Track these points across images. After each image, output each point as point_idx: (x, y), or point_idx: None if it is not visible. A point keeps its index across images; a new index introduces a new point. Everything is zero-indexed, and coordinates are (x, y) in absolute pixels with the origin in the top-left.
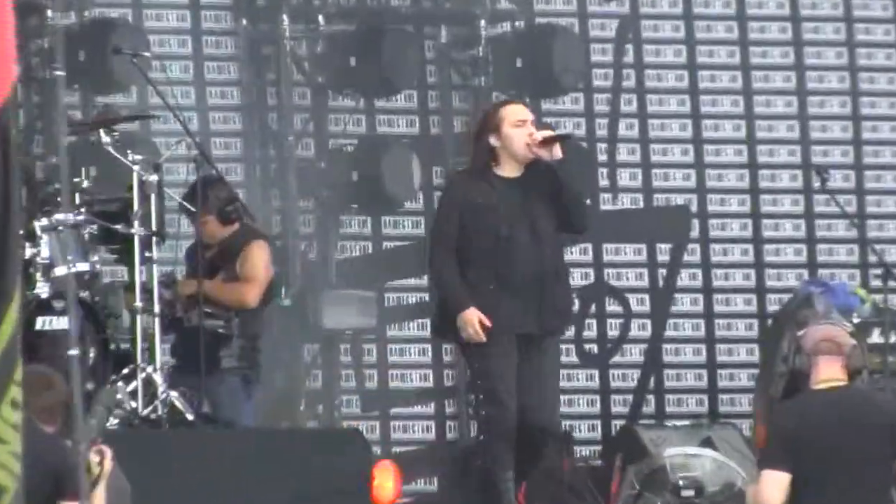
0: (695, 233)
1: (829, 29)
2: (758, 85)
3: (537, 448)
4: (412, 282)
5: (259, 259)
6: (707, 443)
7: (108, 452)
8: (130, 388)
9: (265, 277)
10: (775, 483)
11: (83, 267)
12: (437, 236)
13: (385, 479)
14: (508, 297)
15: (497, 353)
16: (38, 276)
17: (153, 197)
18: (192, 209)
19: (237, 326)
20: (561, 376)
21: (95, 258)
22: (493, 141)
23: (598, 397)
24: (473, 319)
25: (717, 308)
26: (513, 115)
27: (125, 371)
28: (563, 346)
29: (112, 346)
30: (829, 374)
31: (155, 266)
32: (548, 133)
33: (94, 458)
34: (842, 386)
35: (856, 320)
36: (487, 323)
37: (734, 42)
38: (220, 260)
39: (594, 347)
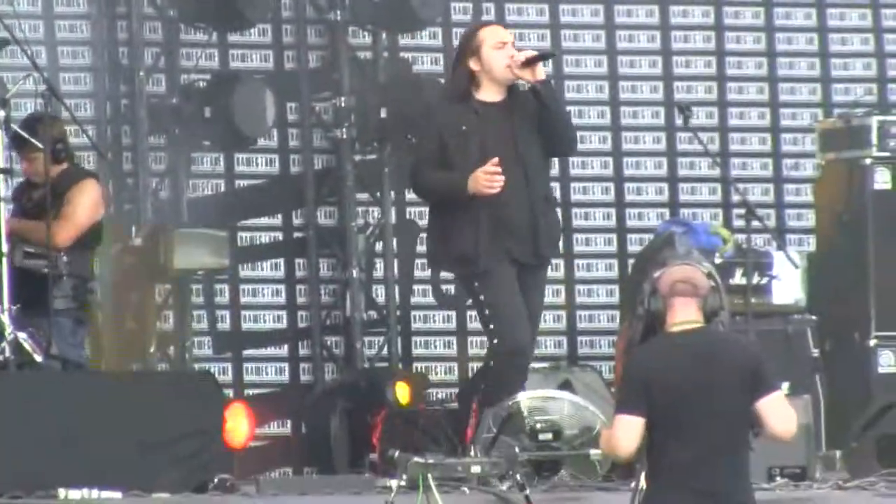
0: (554, 171)
1: None
2: (621, 20)
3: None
4: (265, 221)
5: (81, 199)
6: (566, 385)
7: None
8: None
9: (86, 218)
10: (628, 427)
11: None
12: (419, 157)
13: (238, 421)
14: (501, 226)
15: (501, 283)
16: None
17: (0, 133)
18: (39, 145)
19: (66, 266)
20: (417, 318)
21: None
22: (472, 65)
23: (454, 339)
24: (478, 174)
25: (577, 248)
26: (492, 36)
27: None
28: (419, 287)
29: None
30: (684, 316)
31: (2, 204)
32: (529, 54)
33: None
34: (698, 328)
35: (717, 261)
36: (492, 168)
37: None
38: (54, 197)
39: (451, 288)
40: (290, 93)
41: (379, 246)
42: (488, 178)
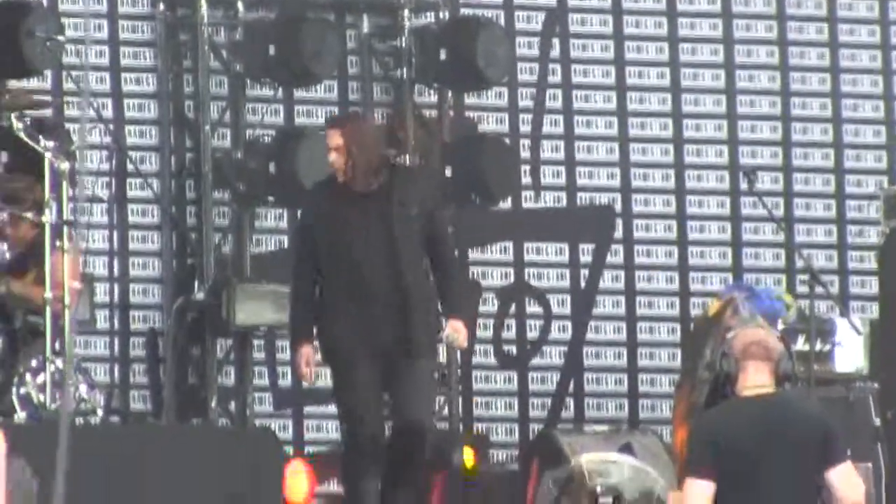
0: (618, 233)
1: (760, 27)
2: (686, 83)
3: (411, 460)
4: None
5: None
6: (626, 449)
7: (0, 434)
8: (39, 381)
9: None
10: (699, 491)
11: None
12: (293, 254)
13: (297, 479)
14: (364, 314)
15: (354, 369)
16: None
17: (65, 185)
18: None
19: None
20: (478, 378)
21: (4, 247)
22: None
23: (516, 400)
24: (301, 361)
25: (640, 311)
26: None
27: (34, 364)
28: (481, 347)
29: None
30: (757, 380)
31: (66, 256)
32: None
33: None
34: (770, 393)
35: (780, 327)
36: (312, 367)
37: (663, 38)
38: (27, 259)
39: (513, 349)
40: None
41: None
42: (300, 371)
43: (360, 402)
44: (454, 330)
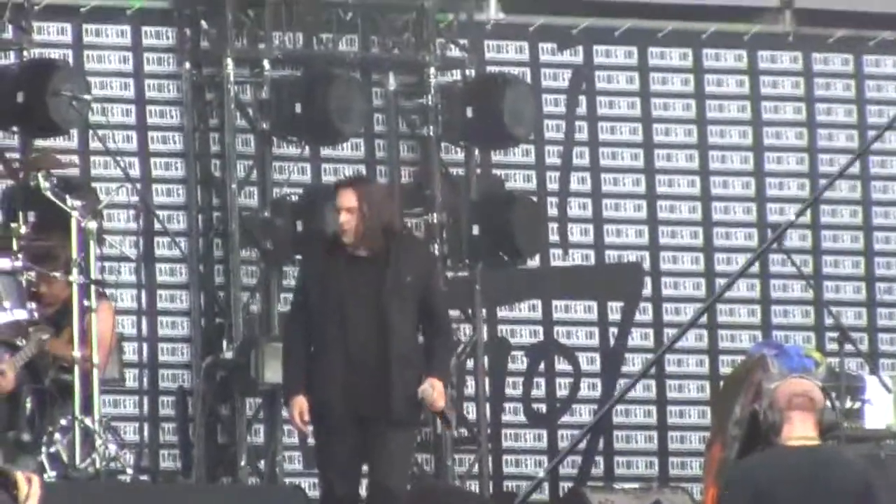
0: (647, 291)
1: (787, 84)
2: (714, 140)
3: None
4: None
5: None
6: None
7: (37, 480)
8: (67, 439)
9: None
10: None
11: (21, 314)
12: (292, 306)
13: None
14: (350, 377)
15: (335, 434)
16: None
17: (92, 244)
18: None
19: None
20: (508, 436)
21: (33, 305)
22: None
23: (545, 458)
24: (294, 413)
25: (669, 369)
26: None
27: (63, 423)
28: (511, 405)
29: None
30: (802, 430)
31: (94, 315)
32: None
33: (23, 479)
34: (815, 445)
35: None
36: (306, 417)
37: (690, 95)
38: (64, 317)
39: (542, 407)
40: None
41: (470, 363)
42: (295, 423)
43: (336, 468)
44: (430, 385)
